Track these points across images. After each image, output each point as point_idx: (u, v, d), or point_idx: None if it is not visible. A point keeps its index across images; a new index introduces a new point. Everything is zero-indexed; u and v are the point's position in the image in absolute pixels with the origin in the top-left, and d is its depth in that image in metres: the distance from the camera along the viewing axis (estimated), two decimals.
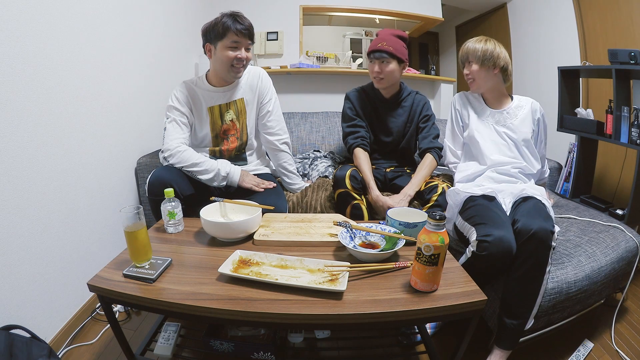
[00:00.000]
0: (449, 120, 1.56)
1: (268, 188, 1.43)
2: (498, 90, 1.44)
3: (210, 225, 1.06)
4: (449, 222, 1.33)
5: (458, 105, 1.52)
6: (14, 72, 1.01)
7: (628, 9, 2.15)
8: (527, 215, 1.09)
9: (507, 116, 1.42)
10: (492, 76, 1.38)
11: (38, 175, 1.12)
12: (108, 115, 1.48)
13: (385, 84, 1.57)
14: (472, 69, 1.39)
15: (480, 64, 1.36)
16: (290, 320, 0.78)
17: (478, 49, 1.35)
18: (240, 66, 1.34)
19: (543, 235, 1.02)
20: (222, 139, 1.49)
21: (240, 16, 1.31)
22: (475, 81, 1.41)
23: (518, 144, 1.39)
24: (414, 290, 0.83)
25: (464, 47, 1.41)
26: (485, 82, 1.40)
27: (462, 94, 1.54)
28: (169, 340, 1.08)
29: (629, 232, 1.31)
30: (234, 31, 1.27)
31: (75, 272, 1.29)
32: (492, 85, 1.41)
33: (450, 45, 4.78)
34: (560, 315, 1.15)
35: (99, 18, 1.41)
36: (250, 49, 1.35)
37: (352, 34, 3.43)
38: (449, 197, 1.34)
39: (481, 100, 1.48)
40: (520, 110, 1.43)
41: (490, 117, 1.44)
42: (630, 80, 1.76)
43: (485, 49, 1.34)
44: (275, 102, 1.52)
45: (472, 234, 1.10)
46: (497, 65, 1.36)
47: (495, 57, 1.34)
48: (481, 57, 1.35)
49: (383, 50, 1.50)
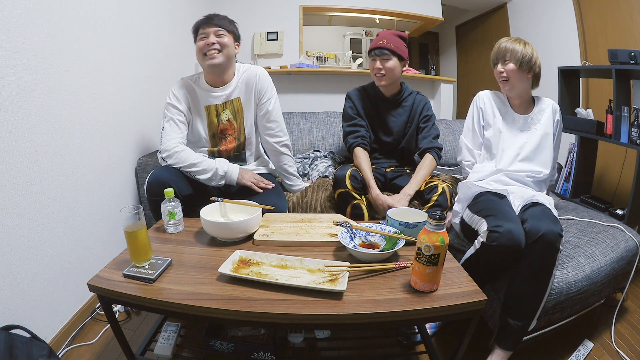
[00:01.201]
0: (469, 118, 1.50)
1: (267, 188, 1.43)
2: (526, 95, 1.41)
3: (210, 225, 1.06)
4: (456, 215, 1.34)
5: (482, 103, 1.46)
6: (14, 72, 1.01)
7: (628, 9, 2.15)
8: (535, 218, 1.09)
9: (531, 122, 1.40)
10: (525, 79, 1.35)
11: (38, 175, 1.12)
12: (108, 115, 1.48)
13: (387, 81, 1.57)
14: (508, 67, 1.34)
15: (518, 65, 1.32)
16: (290, 320, 0.78)
17: (518, 50, 1.31)
18: (212, 51, 1.34)
19: (551, 237, 1.02)
20: (219, 139, 1.48)
21: (211, 14, 1.36)
22: (509, 81, 1.35)
23: (538, 151, 1.37)
24: (414, 290, 0.83)
25: (501, 45, 1.36)
26: (519, 84, 1.35)
27: (489, 93, 1.48)
28: (169, 340, 1.08)
29: (628, 231, 1.31)
30: (200, 26, 1.35)
31: (75, 272, 1.29)
32: (523, 89, 1.38)
33: (450, 45, 4.78)
34: (560, 315, 1.15)
35: (99, 18, 1.41)
36: (222, 35, 1.34)
37: (352, 34, 3.44)
38: (460, 190, 1.34)
39: (507, 104, 1.44)
40: (542, 114, 1.40)
41: (515, 123, 1.41)
42: (630, 80, 1.76)
43: (525, 52, 1.31)
44: (275, 103, 1.51)
45: (482, 225, 1.10)
46: (532, 71, 1.34)
47: (533, 63, 1.32)
48: (520, 58, 1.31)
49: (384, 47, 1.51)
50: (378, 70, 1.54)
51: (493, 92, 1.48)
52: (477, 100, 1.48)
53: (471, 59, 4.40)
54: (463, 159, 1.53)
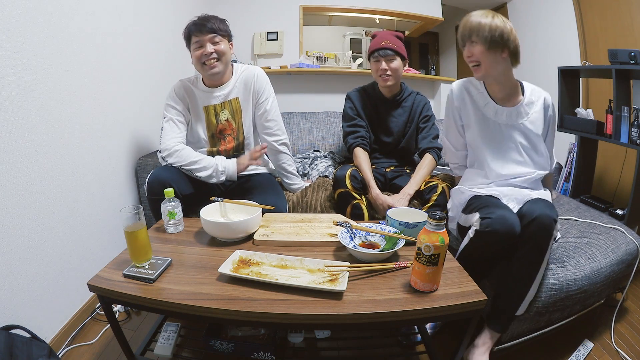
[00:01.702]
0: (447, 117, 1.36)
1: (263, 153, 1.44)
2: (507, 80, 1.19)
3: (210, 225, 1.06)
4: (452, 221, 1.32)
5: (458, 101, 1.29)
6: (14, 72, 1.01)
7: (628, 9, 2.15)
8: (530, 202, 1.07)
9: (517, 116, 1.21)
10: (500, 60, 1.13)
11: (38, 175, 1.12)
12: (108, 115, 1.48)
13: (393, 81, 1.58)
14: (475, 50, 1.13)
15: (487, 45, 1.10)
16: (290, 320, 0.78)
17: (485, 25, 1.09)
18: (211, 61, 1.33)
19: (545, 220, 0.99)
20: (218, 139, 1.49)
21: (201, 17, 1.34)
22: (481, 66, 1.15)
23: (529, 149, 1.22)
24: (414, 290, 0.83)
25: (466, 22, 1.14)
26: (493, 68, 1.14)
27: (460, 85, 1.30)
28: (169, 340, 1.08)
29: (629, 234, 1.30)
30: (194, 32, 1.32)
31: (75, 272, 1.29)
32: (500, 73, 1.17)
33: (450, 45, 4.77)
34: (560, 315, 1.15)
35: (99, 18, 1.41)
36: (217, 42, 1.33)
37: (352, 34, 3.43)
38: (453, 196, 1.32)
39: (485, 94, 1.24)
40: (532, 107, 1.21)
41: (496, 116, 1.22)
42: (630, 80, 1.76)
43: (493, 26, 1.09)
44: (273, 102, 1.51)
45: (474, 216, 1.08)
46: (506, 48, 1.11)
47: (506, 38, 1.10)
48: (488, 37, 1.09)
49: (387, 47, 1.52)
50: (384, 72, 1.54)
51: (467, 81, 1.29)
52: (450, 96, 1.31)
53: None
54: (450, 161, 1.44)
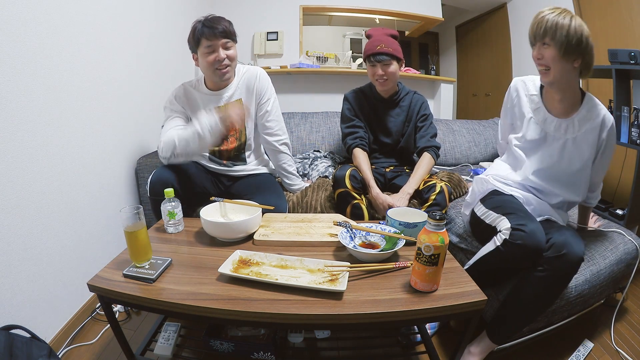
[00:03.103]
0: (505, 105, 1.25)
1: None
2: (571, 91, 1.07)
3: (210, 225, 1.06)
4: (467, 206, 1.30)
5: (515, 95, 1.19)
6: (14, 72, 1.01)
7: (628, 9, 2.15)
8: (559, 233, 0.99)
9: (566, 130, 1.09)
10: (571, 69, 1.00)
11: (38, 175, 1.12)
12: (108, 115, 1.48)
13: (390, 85, 1.58)
14: (546, 53, 0.99)
15: (562, 51, 0.96)
16: (290, 320, 0.78)
17: (562, 27, 0.94)
18: (223, 67, 1.32)
19: (574, 258, 0.95)
20: (221, 140, 1.48)
21: (211, 19, 1.29)
22: (550, 72, 1.01)
23: (570, 172, 1.12)
24: (414, 290, 0.83)
25: (541, 19, 0.99)
26: (562, 76, 1.01)
27: (524, 83, 1.18)
28: (169, 340, 1.08)
29: (628, 235, 1.30)
30: (205, 36, 1.27)
31: (75, 272, 1.29)
32: (566, 83, 1.04)
33: (450, 45, 4.78)
34: (560, 315, 1.15)
35: (99, 18, 1.41)
36: (229, 47, 1.32)
37: (352, 34, 3.43)
38: (475, 183, 1.29)
39: (539, 99, 1.13)
40: (584, 124, 1.08)
41: (546, 125, 1.12)
42: (630, 80, 1.75)
43: (572, 30, 0.93)
44: (274, 103, 1.51)
45: (503, 222, 1.03)
46: (580, 57, 0.98)
47: (584, 45, 0.95)
48: (565, 41, 0.94)
49: (383, 52, 1.50)
50: (380, 77, 1.54)
51: (530, 80, 1.18)
52: (511, 90, 1.22)
53: (471, 59, 4.41)
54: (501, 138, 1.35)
